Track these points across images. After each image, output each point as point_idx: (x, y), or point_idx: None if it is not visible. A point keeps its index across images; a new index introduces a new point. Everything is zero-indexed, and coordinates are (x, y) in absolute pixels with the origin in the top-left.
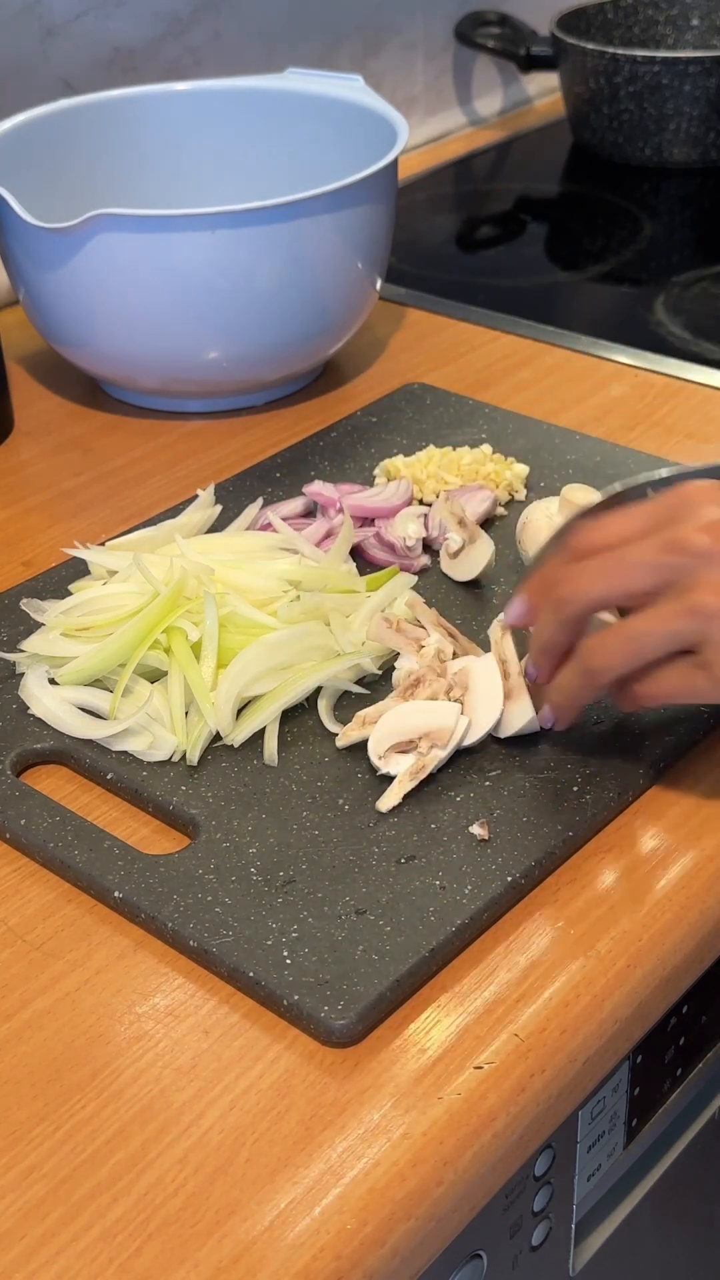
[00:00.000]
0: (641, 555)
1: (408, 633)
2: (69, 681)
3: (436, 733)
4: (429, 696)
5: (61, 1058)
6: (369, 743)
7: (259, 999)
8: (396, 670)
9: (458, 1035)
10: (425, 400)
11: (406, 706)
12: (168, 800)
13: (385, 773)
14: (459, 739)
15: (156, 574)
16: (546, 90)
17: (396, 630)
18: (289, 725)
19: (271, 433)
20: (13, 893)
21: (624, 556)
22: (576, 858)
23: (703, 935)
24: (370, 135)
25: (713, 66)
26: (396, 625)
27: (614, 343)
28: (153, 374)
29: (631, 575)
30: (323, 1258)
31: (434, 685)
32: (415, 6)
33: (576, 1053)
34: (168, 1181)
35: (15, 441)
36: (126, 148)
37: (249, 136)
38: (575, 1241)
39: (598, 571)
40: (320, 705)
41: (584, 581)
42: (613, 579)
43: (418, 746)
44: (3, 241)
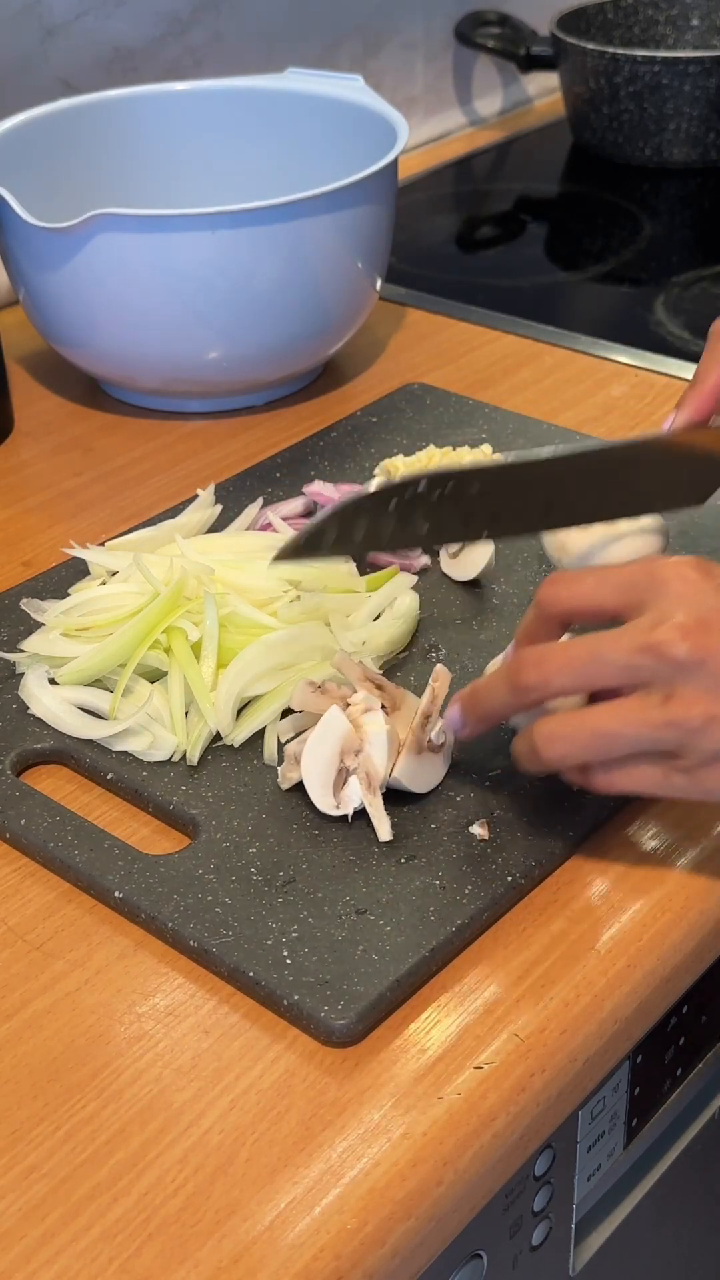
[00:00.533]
0: (615, 656)
1: (333, 693)
2: (69, 681)
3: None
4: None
5: (61, 1058)
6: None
7: (259, 999)
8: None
9: (458, 1035)
10: (425, 400)
11: (313, 737)
12: (168, 800)
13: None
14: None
15: (156, 574)
16: (546, 90)
17: (322, 693)
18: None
19: (271, 433)
20: (13, 893)
21: (596, 654)
22: (576, 858)
23: (702, 935)
24: (370, 135)
25: (713, 66)
26: (322, 688)
27: (614, 343)
28: (153, 374)
29: (603, 675)
30: (323, 1258)
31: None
32: (415, 6)
33: (576, 1053)
34: (168, 1181)
35: (15, 441)
36: (126, 148)
37: (249, 136)
38: (575, 1241)
39: (566, 663)
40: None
41: (550, 671)
42: (582, 677)
43: (348, 766)
44: (3, 241)
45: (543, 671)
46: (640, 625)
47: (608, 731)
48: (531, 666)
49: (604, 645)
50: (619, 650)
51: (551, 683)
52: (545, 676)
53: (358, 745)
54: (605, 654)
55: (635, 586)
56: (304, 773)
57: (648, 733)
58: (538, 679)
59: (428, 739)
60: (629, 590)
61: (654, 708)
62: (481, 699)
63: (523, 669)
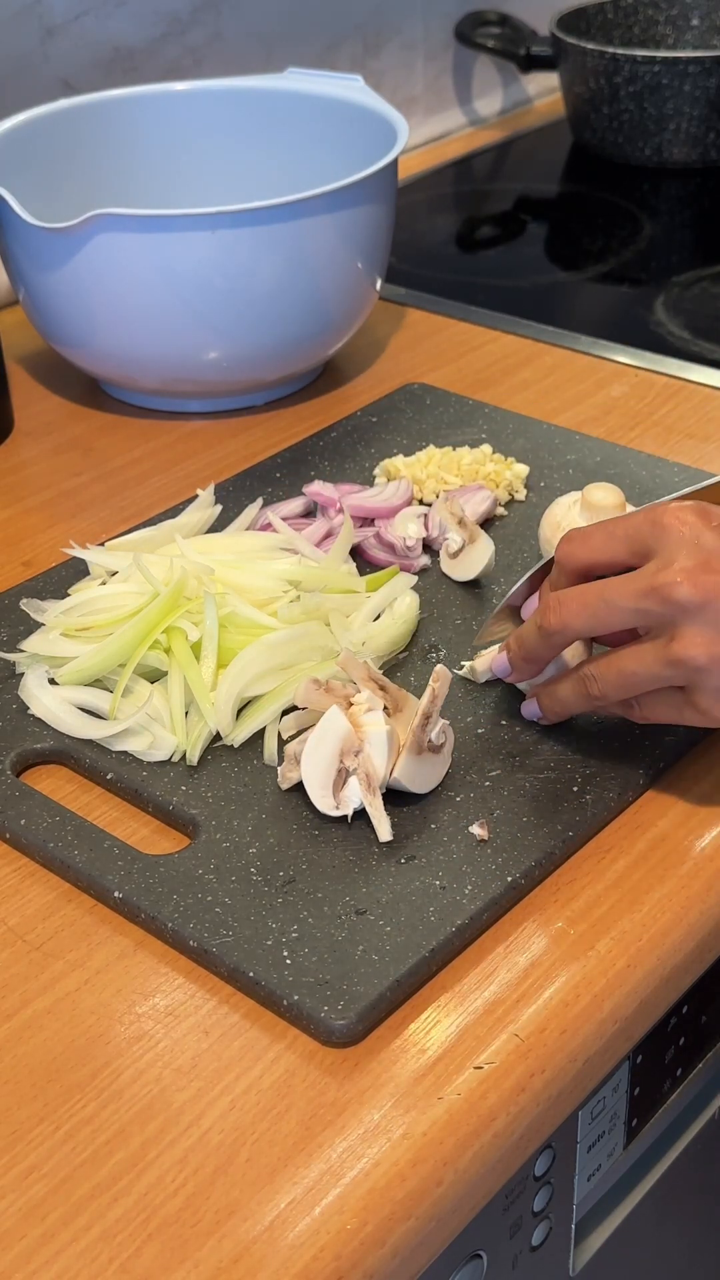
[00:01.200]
0: (624, 599)
1: (336, 691)
2: (69, 681)
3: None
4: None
5: (61, 1058)
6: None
7: (259, 999)
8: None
9: (458, 1035)
10: (425, 400)
11: (313, 738)
12: (168, 800)
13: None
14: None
15: (156, 574)
16: (546, 90)
17: (325, 691)
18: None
19: (271, 433)
20: (13, 893)
21: (607, 597)
22: (576, 858)
23: (703, 935)
24: (370, 135)
25: (713, 66)
26: (325, 686)
27: (614, 343)
28: (153, 374)
29: (614, 617)
30: (323, 1258)
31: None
32: (415, 6)
33: (576, 1053)
34: (168, 1181)
35: (15, 441)
36: (126, 148)
37: (249, 136)
38: (575, 1241)
39: (581, 608)
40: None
41: (568, 615)
42: (596, 618)
43: (348, 766)
44: (3, 241)
45: (562, 615)
46: (646, 570)
47: (628, 670)
48: (552, 611)
49: (613, 590)
50: (627, 595)
51: (570, 625)
52: (564, 620)
53: (357, 745)
54: (615, 598)
55: (640, 535)
56: (304, 773)
57: (659, 670)
58: (558, 622)
59: (428, 739)
60: (634, 540)
61: (662, 647)
62: (523, 643)
63: (546, 613)
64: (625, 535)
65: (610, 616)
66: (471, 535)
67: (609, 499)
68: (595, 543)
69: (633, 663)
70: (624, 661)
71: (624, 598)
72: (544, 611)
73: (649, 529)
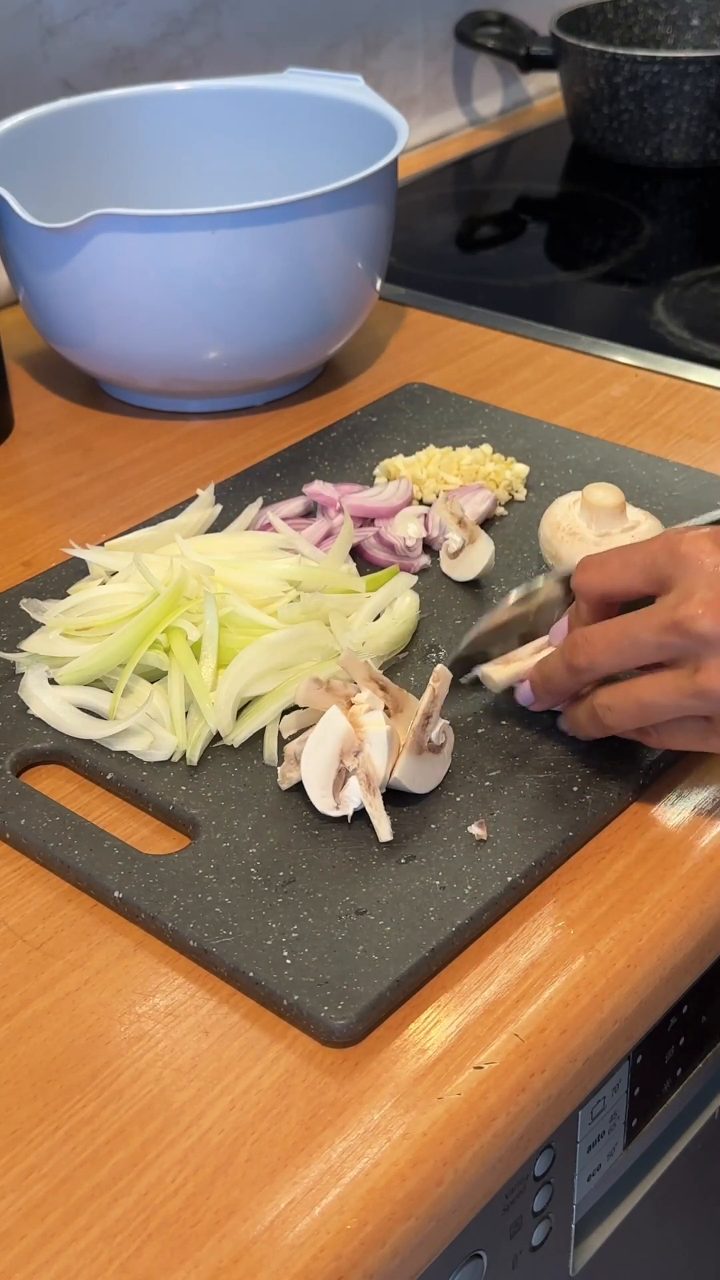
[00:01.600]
0: (647, 634)
1: (337, 691)
2: (69, 681)
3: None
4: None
5: (61, 1058)
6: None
7: (259, 999)
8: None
9: (458, 1035)
10: (425, 400)
11: (313, 738)
12: (168, 800)
13: (349, 812)
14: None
15: (156, 574)
16: (546, 90)
17: (326, 690)
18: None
19: (271, 433)
20: (13, 893)
21: (631, 633)
22: (576, 858)
23: (703, 935)
24: (370, 135)
25: (713, 66)
26: (327, 685)
27: (614, 343)
28: (153, 374)
29: (639, 653)
30: (323, 1258)
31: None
32: (415, 6)
33: (576, 1053)
34: (168, 1181)
35: (15, 441)
36: (126, 148)
37: (249, 136)
38: (575, 1241)
39: (607, 645)
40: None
41: (595, 653)
42: (622, 654)
43: (348, 767)
44: (3, 241)
45: (589, 654)
46: (667, 603)
47: (649, 702)
48: (580, 650)
49: (637, 626)
50: (649, 630)
51: (598, 663)
52: (592, 658)
53: (357, 746)
54: (638, 634)
55: (657, 564)
56: (304, 773)
57: (682, 701)
58: (586, 661)
59: (428, 739)
60: (651, 568)
61: (685, 679)
62: (549, 679)
63: (574, 651)
64: (642, 564)
65: (636, 653)
66: (471, 535)
67: (609, 499)
68: (612, 570)
69: (653, 693)
70: (642, 692)
71: (647, 632)
72: (572, 650)
73: (666, 558)
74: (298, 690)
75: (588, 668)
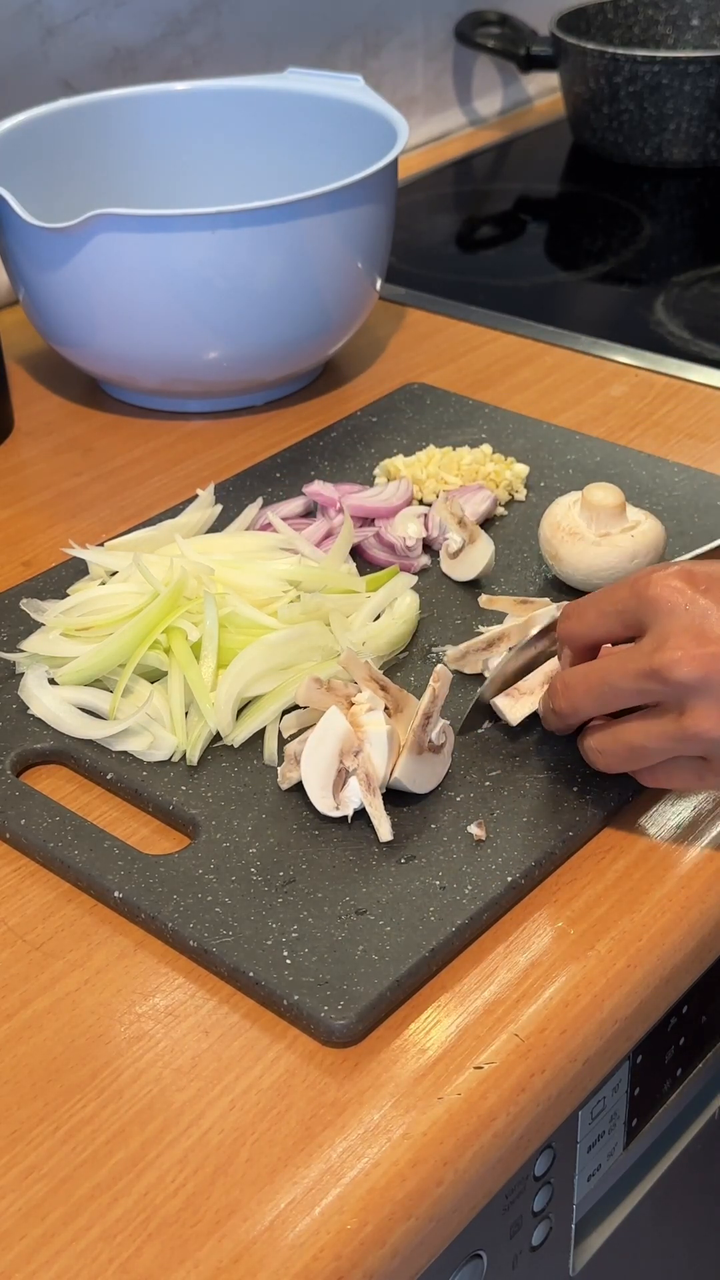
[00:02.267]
0: (625, 681)
1: (337, 691)
2: (69, 681)
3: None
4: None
5: (61, 1058)
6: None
7: (259, 999)
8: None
9: (458, 1035)
10: (425, 400)
11: (312, 738)
12: (168, 800)
13: (350, 812)
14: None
15: (156, 574)
16: (546, 90)
17: (327, 690)
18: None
19: (271, 433)
20: (13, 893)
21: (609, 680)
22: (576, 858)
23: (703, 935)
24: (370, 135)
25: (713, 66)
26: (327, 685)
27: (614, 343)
28: (153, 374)
29: (619, 699)
30: (323, 1258)
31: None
32: (415, 6)
33: (576, 1053)
34: (168, 1181)
35: (15, 441)
36: (126, 148)
37: (249, 136)
38: (575, 1241)
39: (586, 691)
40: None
41: (575, 699)
42: (603, 699)
43: (348, 767)
44: (3, 241)
45: (570, 699)
46: (643, 649)
47: (638, 746)
48: (561, 695)
49: (614, 673)
50: (627, 677)
51: (579, 708)
52: (573, 704)
53: (357, 746)
54: (617, 682)
55: (629, 610)
56: (303, 774)
57: (671, 745)
58: (569, 706)
59: (428, 739)
60: (625, 614)
61: (671, 724)
62: (544, 719)
63: (555, 697)
64: (616, 611)
65: (615, 699)
66: (471, 535)
67: (609, 499)
68: (589, 619)
69: (639, 737)
70: (630, 736)
71: (625, 680)
72: (553, 695)
73: (636, 604)
74: (298, 690)
75: (571, 713)
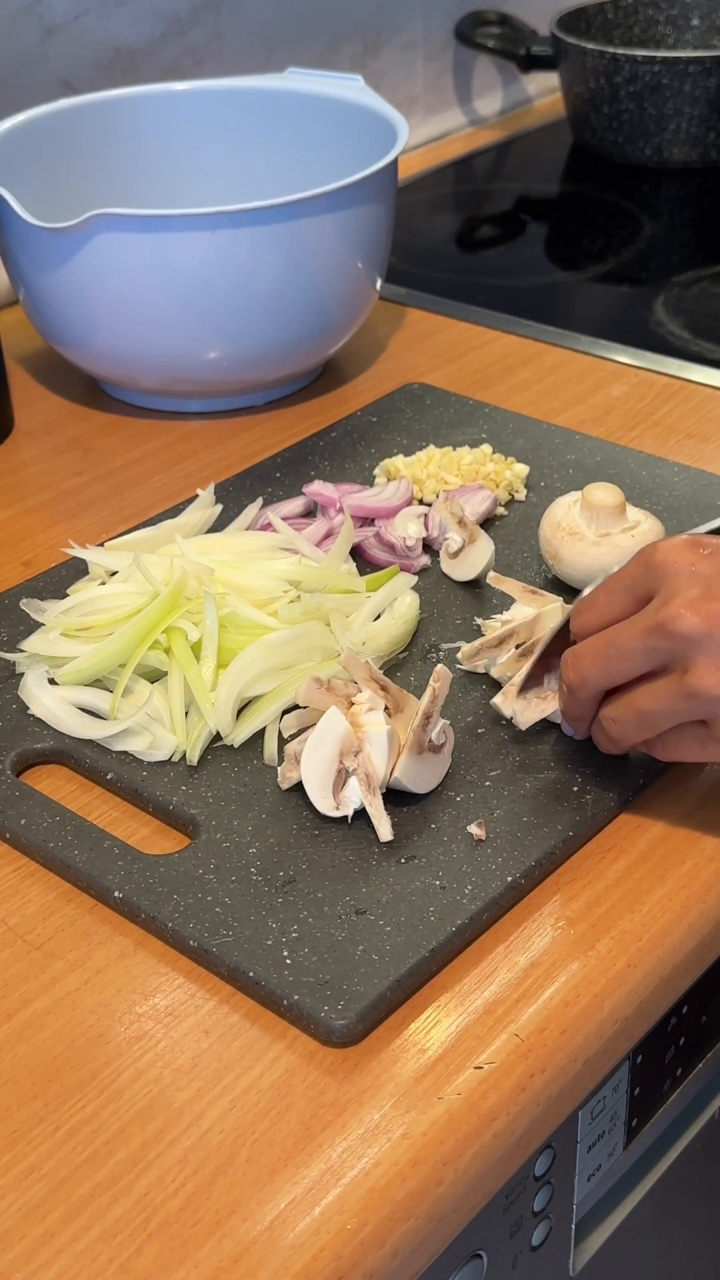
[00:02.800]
0: (632, 642)
1: (337, 691)
2: (69, 681)
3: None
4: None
5: (61, 1058)
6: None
7: (259, 999)
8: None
9: (458, 1035)
10: (425, 400)
11: (312, 738)
12: (168, 800)
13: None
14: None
15: (156, 574)
16: (546, 90)
17: (327, 690)
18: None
19: (271, 433)
20: (13, 893)
21: (616, 643)
22: (576, 858)
23: (703, 935)
24: (370, 135)
25: (713, 66)
26: (327, 685)
27: (614, 343)
28: (153, 374)
29: (627, 662)
30: (323, 1258)
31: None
32: (415, 6)
33: (576, 1053)
34: (168, 1181)
35: (15, 441)
36: (126, 148)
37: (249, 136)
38: (575, 1241)
39: (594, 658)
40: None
41: (584, 668)
42: (611, 665)
43: (348, 767)
44: (3, 241)
45: (579, 669)
46: (649, 609)
47: (645, 709)
48: (570, 667)
49: (621, 635)
50: (634, 636)
51: (588, 678)
52: (582, 674)
53: (357, 746)
54: (623, 642)
55: (637, 580)
56: (303, 774)
57: (675, 706)
58: (576, 677)
59: (428, 739)
60: (634, 587)
61: (675, 682)
62: (565, 708)
63: (565, 670)
64: (624, 586)
65: (623, 662)
66: (471, 535)
67: (609, 499)
68: (600, 604)
69: (648, 701)
70: (640, 700)
71: (631, 639)
72: (564, 669)
73: (643, 571)
74: (298, 690)
75: (580, 684)
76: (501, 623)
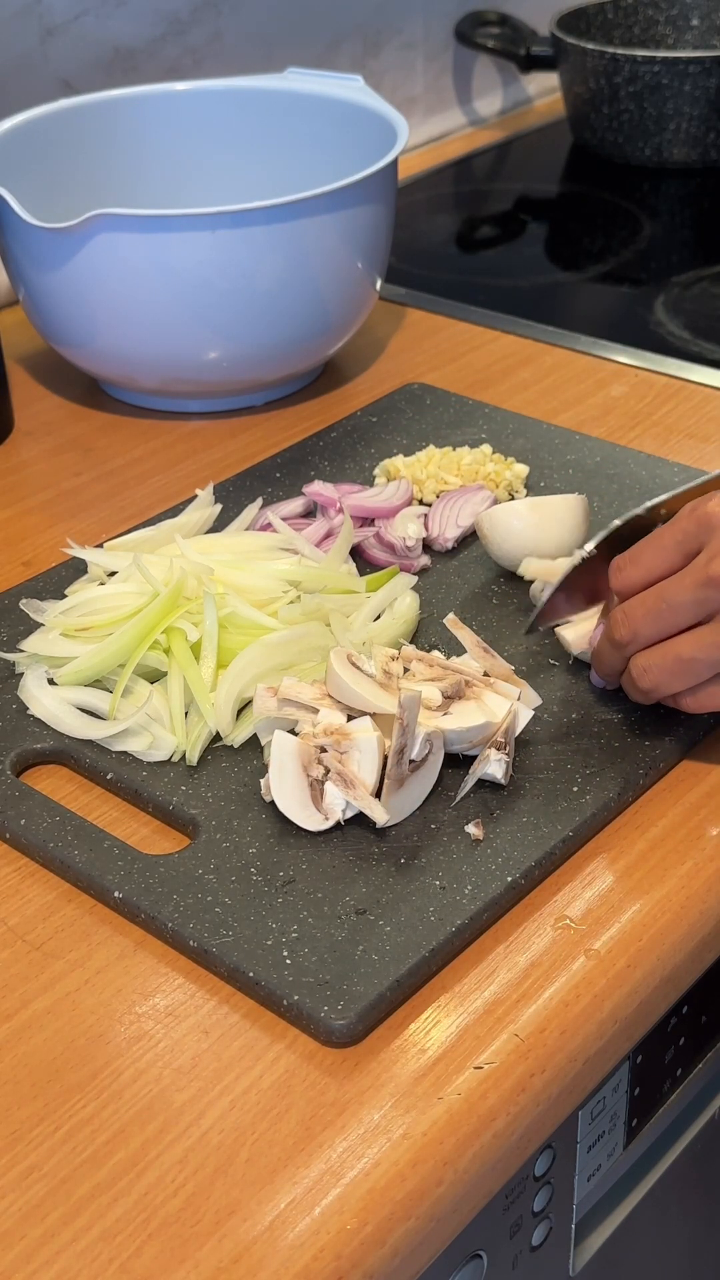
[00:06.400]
0: (682, 594)
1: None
2: (69, 682)
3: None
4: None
5: (61, 1058)
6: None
7: (259, 999)
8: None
9: (458, 1035)
10: (425, 400)
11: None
12: (168, 800)
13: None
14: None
15: (156, 574)
16: (546, 90)
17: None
18: None
19: (271, 433)
20: (13, 893)
21: (667, 597)
22: (576, 858)
23: (703, 935)
24: (370, 135)
25: (713, 66)
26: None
27: (614, 343)
28: (153, 374)
29: (678, 616)
30: (323, 1258)
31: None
32: (415, 6)
33: (576, 1053)
34: (168, 1181)
35: (15, 441)
36: (126, 148)
37: (249, 136)
38: (575, 1241)
39: (645, 613)
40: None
41: (636, 624)
42: (661, 619)
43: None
44: (3, 241)
45: (630, 625)
46: (699, 562)
47: (688, 657)
48: (620, 624)
49: (672, 589)
50: (684, 589)
51: (639, 633)
52: (633, 629)
53: (314, 752)
54: (674, 596)
55: (689, 535)
56: (280, 805)
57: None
58: (628, 633)
59: (408, 762)
60: (685, 541)
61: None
62: (600, 658)
63: (615, 627)
64: (675, 542)
65: (674, 616)
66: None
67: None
68: (647, 559)
69: (690, 648)
70: (680, 648)
71: (682, 592)
72: (613, 626)
73: (695, 527)
74: (254, 701)
75: (630, 639)
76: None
